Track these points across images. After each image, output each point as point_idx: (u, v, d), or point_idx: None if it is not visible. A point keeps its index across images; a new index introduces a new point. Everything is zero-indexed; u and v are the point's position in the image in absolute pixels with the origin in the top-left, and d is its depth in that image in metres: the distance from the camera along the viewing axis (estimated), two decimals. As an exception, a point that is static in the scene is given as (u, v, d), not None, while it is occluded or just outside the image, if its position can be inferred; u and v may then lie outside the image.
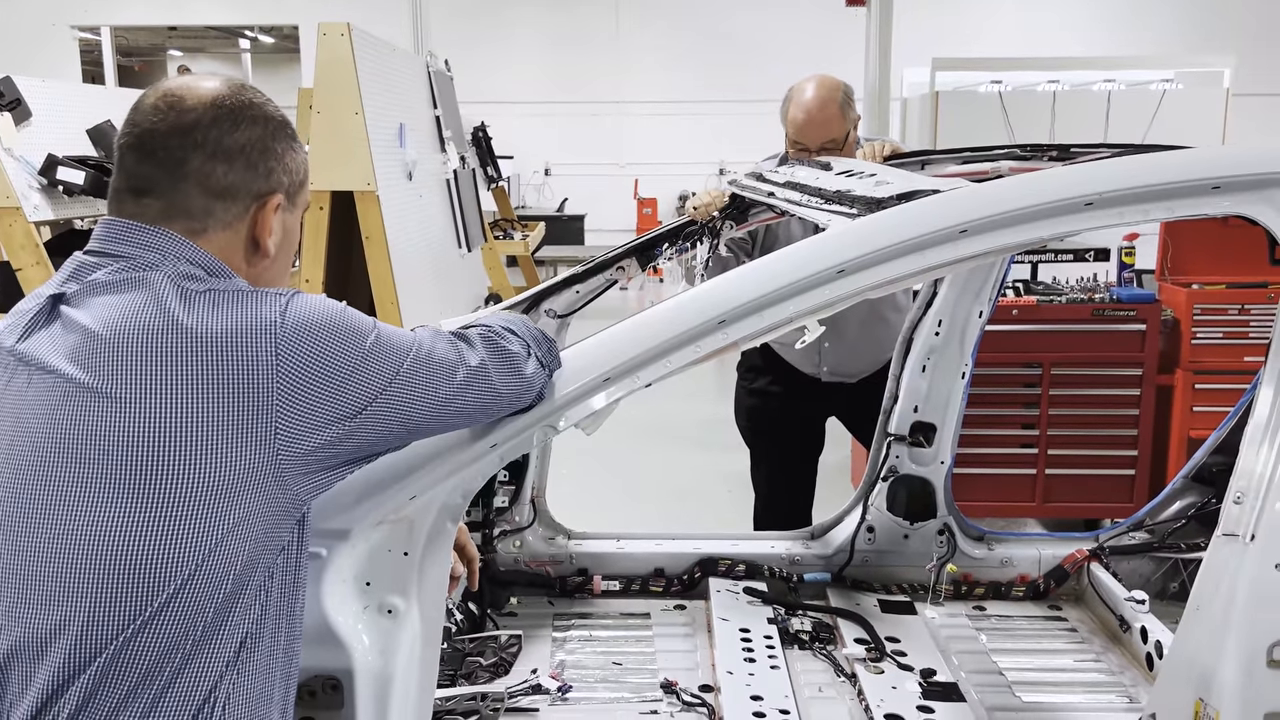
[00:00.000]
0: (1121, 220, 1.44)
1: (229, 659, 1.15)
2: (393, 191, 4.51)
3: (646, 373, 1.47)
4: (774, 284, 1.46)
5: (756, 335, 1.49)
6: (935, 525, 2.95)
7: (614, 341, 1.50)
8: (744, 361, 3.50)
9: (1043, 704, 2.43)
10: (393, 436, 1.28)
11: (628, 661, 2.63)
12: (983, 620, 2.83)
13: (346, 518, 1.41)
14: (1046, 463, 4.41)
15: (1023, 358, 4.37)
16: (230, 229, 1.28)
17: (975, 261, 1.57)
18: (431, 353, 1.30)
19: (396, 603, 1.42)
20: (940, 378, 2.92)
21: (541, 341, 1.49)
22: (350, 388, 1.20)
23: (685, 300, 1.50)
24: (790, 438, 3.42)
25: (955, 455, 2.98)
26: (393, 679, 1.38)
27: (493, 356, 1.39)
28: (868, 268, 1.44)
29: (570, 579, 2.97)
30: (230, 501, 1.13)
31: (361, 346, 1.22)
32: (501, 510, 2.97)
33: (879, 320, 3.19)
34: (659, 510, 5.13)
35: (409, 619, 1.42)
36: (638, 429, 6.66)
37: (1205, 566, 1.44)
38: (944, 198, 1.48)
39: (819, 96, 3.05)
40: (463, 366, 1.33)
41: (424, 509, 1.44)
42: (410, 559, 1.43)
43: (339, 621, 1.37)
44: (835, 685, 2.50)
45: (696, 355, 1.48)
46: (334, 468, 1.23)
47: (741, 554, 2.97)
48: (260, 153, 1.28)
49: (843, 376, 3.32)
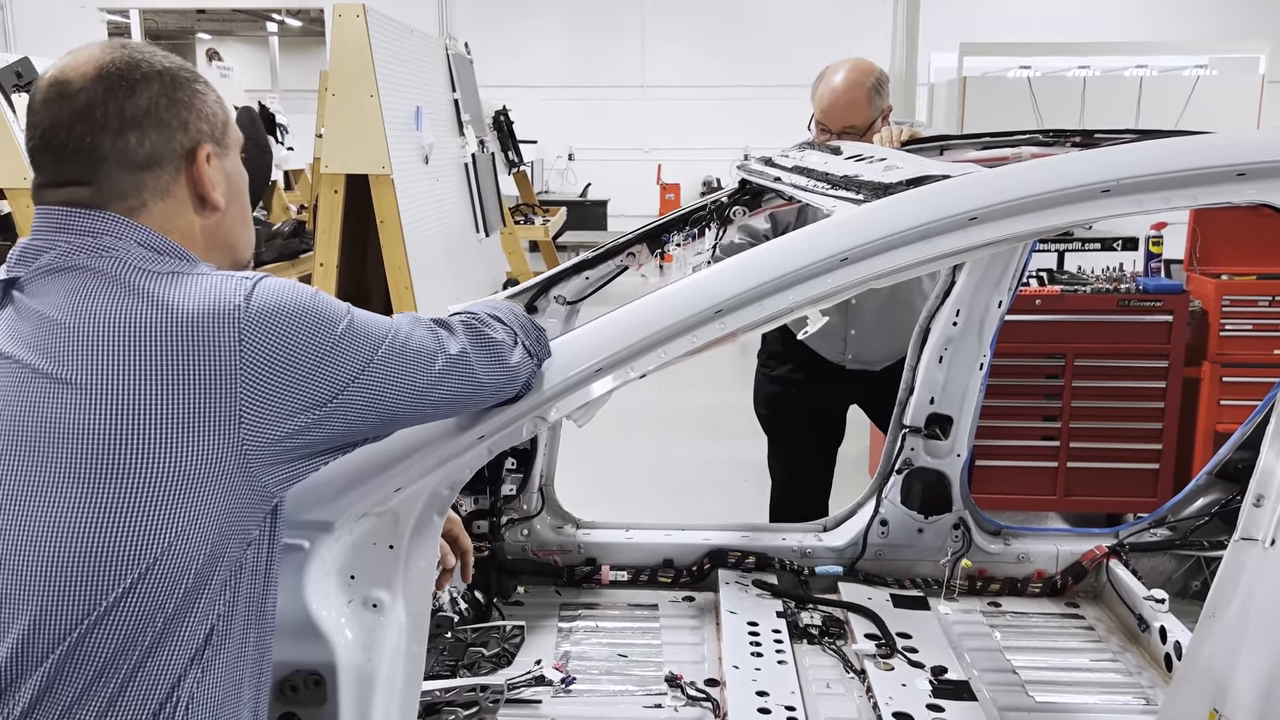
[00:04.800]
0: (1141, 208, 1.38)
1: (192, 655, 1.12)
2: (408, 175, 4.48)
3: (641, 363, 1.42)
4: (773, 272, 1.41)
5: (755, 325, 1.43)
6: (950, 519, 2.89)
7: (607, 331, 1.45)
8: (765, 348, 3.45)
9: (1057, 704, 2.37)
10: (367, 426, 1.24)
11: (633, 654, 2.59)
12: (997, 617, 2.77)
13: (329, 509, 1.37)
14: (1068, 456, 4.33)
15: (1046, 348, 4.29)
16: (169, 196, 1.23)
17: (986, 250, 1.51)
18: (409, 340, 1.26)
19: (381, 596, 1.38)
20: (957, 369, 2.85)
21: (530, 330, 1.44)
22: (319, 375, 1.15)
23: (681, 289, 1.45)
24: (810, 426, 3.37)
25: (972, 448, 2.91)
26: (377, 674, 1.34)
27: (475, 345, 1.34)
28: (872, 256, 1.38)
29: (578, 569, 2.93)
30: (192, 492, 1.09)
31: (332, 332, 1.17)
32: (509, 498, 2.93)
33: (904, 307, 3.13)
34: (672, 500, 5.09)
35: (394, 613, 1.38)
36: (652, 417, 6.63)
37: (1222, 571, 1.38)
38: (953, 183, 1.42)
39: (848, 79, 2.99)
40: (442, 355, 1.29)
41: (410, 501, 1.40)
42: (396, 552, 1.39)
43: (322, 615, 1.33)
44: (844, 681, 2.45)
45: (693, 346, 1.43)
46: (305, 458, 1.19)
47: (752, 546, 2.92)
48: (167, 108, 1.22)
49: (867, 364, 3.26)
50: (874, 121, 2.94)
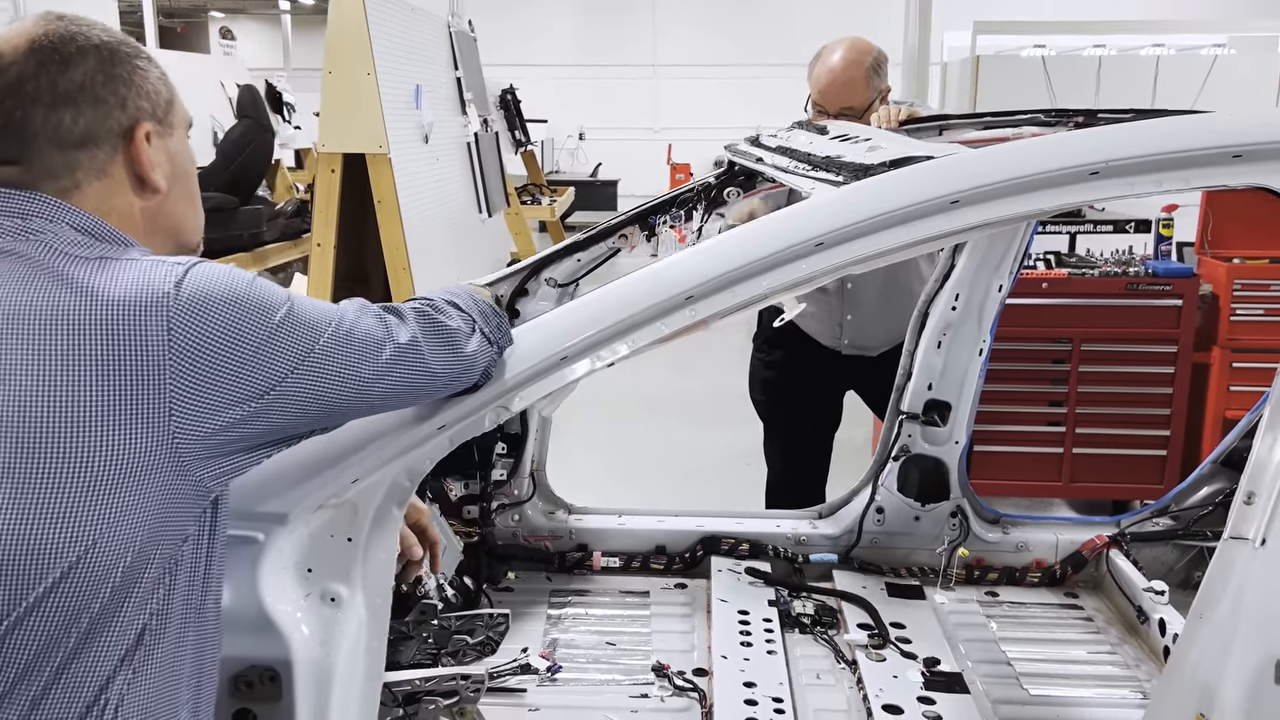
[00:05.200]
0: (1132, 191, 1.32)
1: (122, 656, 1.08)
2: (407, 154, 4.42)
3: (608, 352, 1.37)
4: (746, 258, 1.35)
5: (727, 312, 1.38)
6: (948, 507, 2.84)
7: (572, 318, 1.40)
8: (761, 332, 3.40)
9: (1051, 697, 2.33)
10: (311, 418, 1.19)
11: (622, 642, 2.56)
12: (994, 607, 2.73)
13: (283, 501, 1.33)
14: (1074, 442, 4.27)
15: (1052, 333, 4.23)
16: (106, 176, 1.18)
17: (969, 235, 1.45)
18: (353, 329, 1.20)
19: (340, 590, 1.34)
20: (956, 354, 2.80)
21: (490, 316, 1.39)
22: (255, 366, 1.11)
23: (650, 275, 1.39)
24: (806, 412, 3.32)
25: (971, 435, 2.86)
26: (334, 669, 1.30)
27: (426, 333, 1.29)
28: (849, 240, 1.32)
29: (569, 555, 2.90)
30: (118, 487, 1.05)
31: (268, 321, 1.12)
32: (500, 483, 2.90)
33: (902, 291, 3.07)
34: (675, 485, 5.05)
35: (353, 607, 1.34)
36: (655, 402, 6.58)
37: (1211, 571, 1.33)
38: (934, 165, 1.36)
39: (845, 59, 2.93)
40: (390, 343, 1.24)
41: (368, 493, 1.36)
42: (354, 545, 1.35)
43: (277, 610, 1.29)
44: (834, 672, 2.41)
45: (662, 334, 1.37)
46: (244, 451, 1.14)
47: (745, 533, 2.88)
48: (104, 84, 1.17)
49: (863, 349, 3.21)
50: (872, 102, 2.87)
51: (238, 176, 5.64)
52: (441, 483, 2.82)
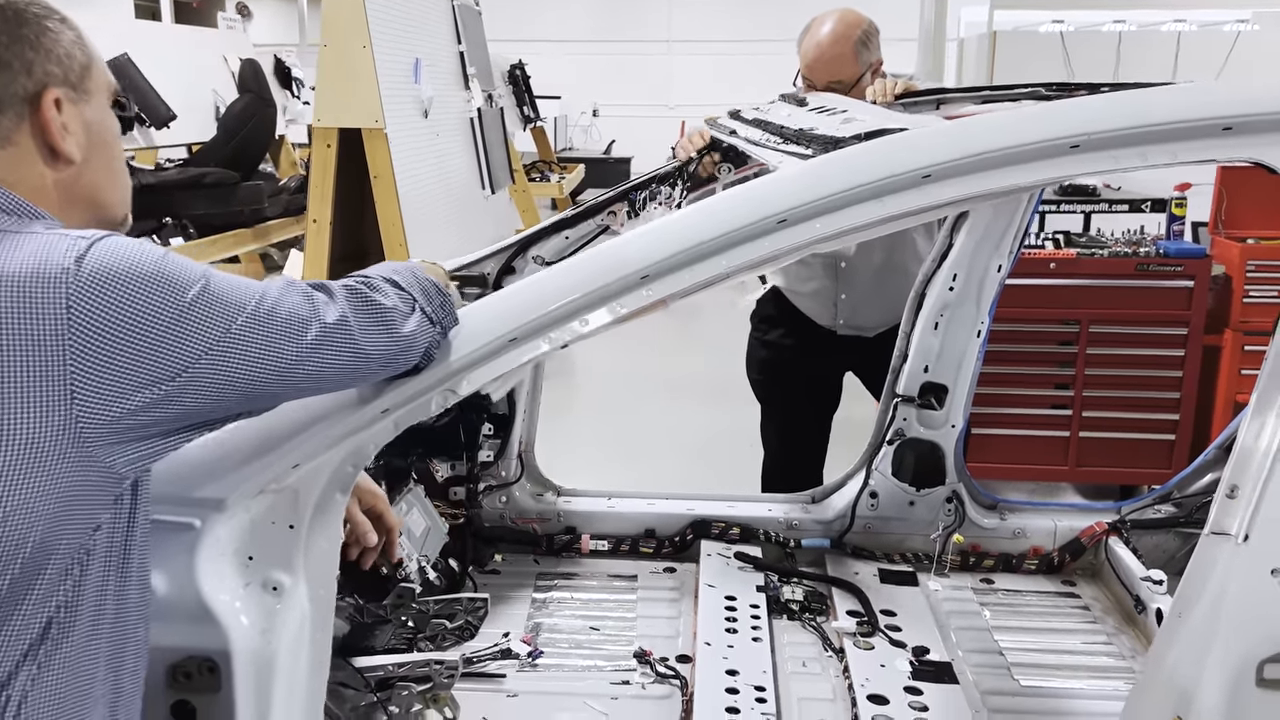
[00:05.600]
0: (1116, 165, 1.25)
1: (26, 651, 1.03)
2: (405, 129, 4.36)
3: (560, 333, 1.32)
4: (704, 235, 1.29)
5: (686, 292, 1.32)
6: (943, 492, 2.78)
7: (521, 297, 1.34)
8: (757, 312, 3.34)
9: (1042, 689, 2.27)
10: (231, 403, 1.14)
11: (606, 627, 2.51)
12: (988, 594, 2.67)
13: (220, 486, 1.28)
14: (1081, 425, 4.19)
15: (1060, 314, 4.14)
16: (10, 145, 1.13)
17: (942, 211, 1.38)
18: (276, 307, 1.14)
19: (281, 579, 1.30)
20: (954, 336, 2.72)
21: (433, 295, 1.33)
22: (165, 347, 1.05)
23: (604, 253, 1.33)
24: (803, 393, 3.26)
25: (968, 419, 2.79)
26: (276, 660, 1.26)
27: (358, 312, 1.23)
28: (815, 217, 1.25)
29: (558, 537, 2.86)
30: (16, 474, 1.00)
31: (179, 299, 1.06)
32: (487, 465, 2.85)
33: (898, 270, 3.00)
34: (673, 468, 4.99)
35: (295, 596, 1.29)
36: (659, 384, 6.52)
37: (1191, 568, 1.26)
38: (906, 137, 1.29)
39: (833, 32, 2.85)
40: (316, 323, 1.17)
41: (310, 478, 1.31)
42: (296, 532, 1.30)
43: (216, 599, 1.25)
44: (821, 660, 2.36)
45: (617, 315, 1.31)
46: (160, 436, 1.09)
47: (737, 517, 2.83)
48: (8, 47, 1.12)
49: (859, 330, 3.15)
50: (861, 76, 2.79)
51: (239, 151, 5.60)
52: (427, 463, 2.78)
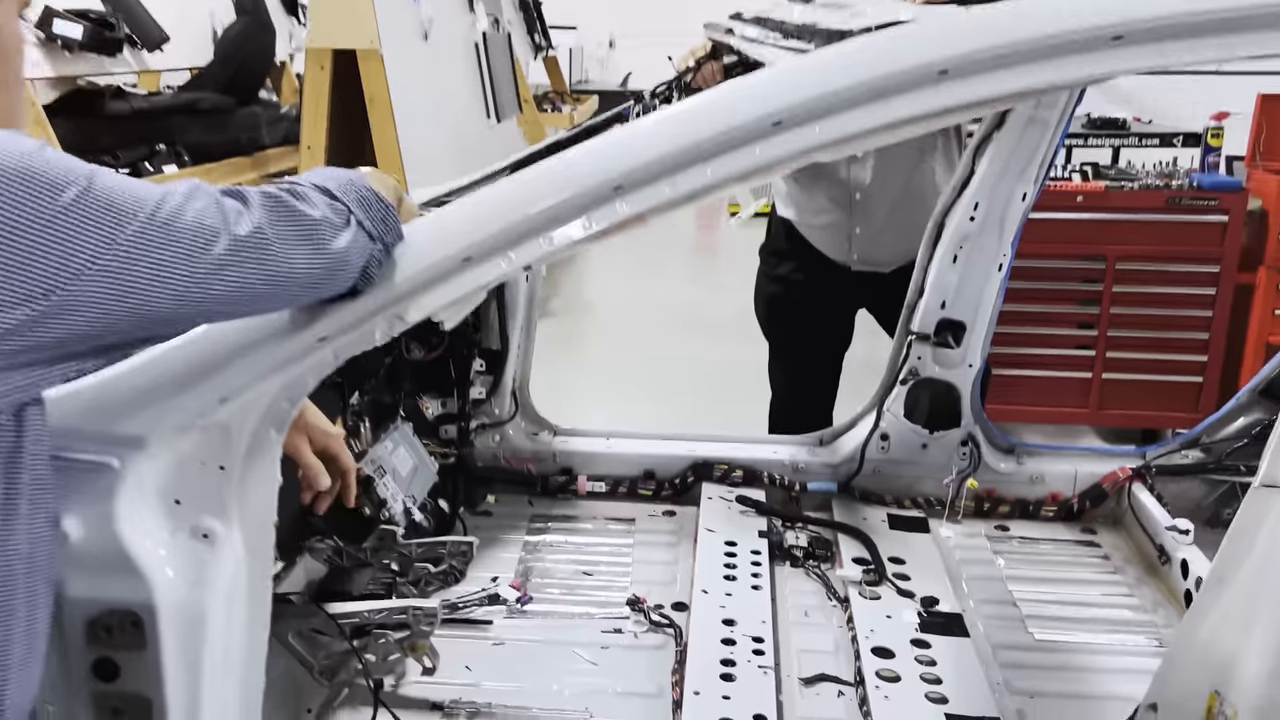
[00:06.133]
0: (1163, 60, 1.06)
1: None
2: (402, 51, 4.16)
3: (522, 252, 1.16)
4: (685, 141, 1.12)
5: (666, 207, 1.16)
6: (958, 435, 2.63)
7: (477, 212, 1.18)
8: (767, 245, 3.18)
9: (1057, 643, 2.15)
10: (124, 327, 0.98)
11: (600, 572, 2.40)
12: (1003, 542, 2.54)
13: (138, 421, 1.14)
14: (1104, 366, 4.03)
15: (1086, 250, 3.95)
16: None
17: (962, 115, 1.22)
18: (177, 216, 0.98)
19: (213, 525, 1.17)
20: (973, 270, 2.56)
21: (373, 206, 1.16)
22: (34, 259, 0.90)
23: (571, 160, 1.17)
24: (813, 331, 3.11)
25: (986, 359, 2.63)
26: (207, 614, 1.14)
27: (278, 223, 1.06)
28: (814, 120, 1.08)
29: (553, 478, 2.74)
30: None
31: (52, 203, 0.91)
32: (479, 402, 2.73)
33: (916, 202, 2.83)
34: (677, 408, 4.84)
35: (229, 544, 1.17)
36: (662, 318, 6.35)
37: (1236, 525, 1.12)
38: (921, 28, 1.11)
39: None
40: (226, 236, 1.01)
41: (240, 414, 1.17)
42: (228, 474, 1.17)
43: (138, 547, 1.12)
44: (824, 610, 2.24)
45: (586, 232, 1.16)
46: (40, 364, 0.95)
47: (740, 458, 2.70)
48: None
49: (875, 265, 2.98)
50: None
51: (235, 77, 5.41)
52: (416, 400, 2.66)
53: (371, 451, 2.37)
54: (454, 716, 1.91)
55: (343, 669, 1.97)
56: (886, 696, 1.89)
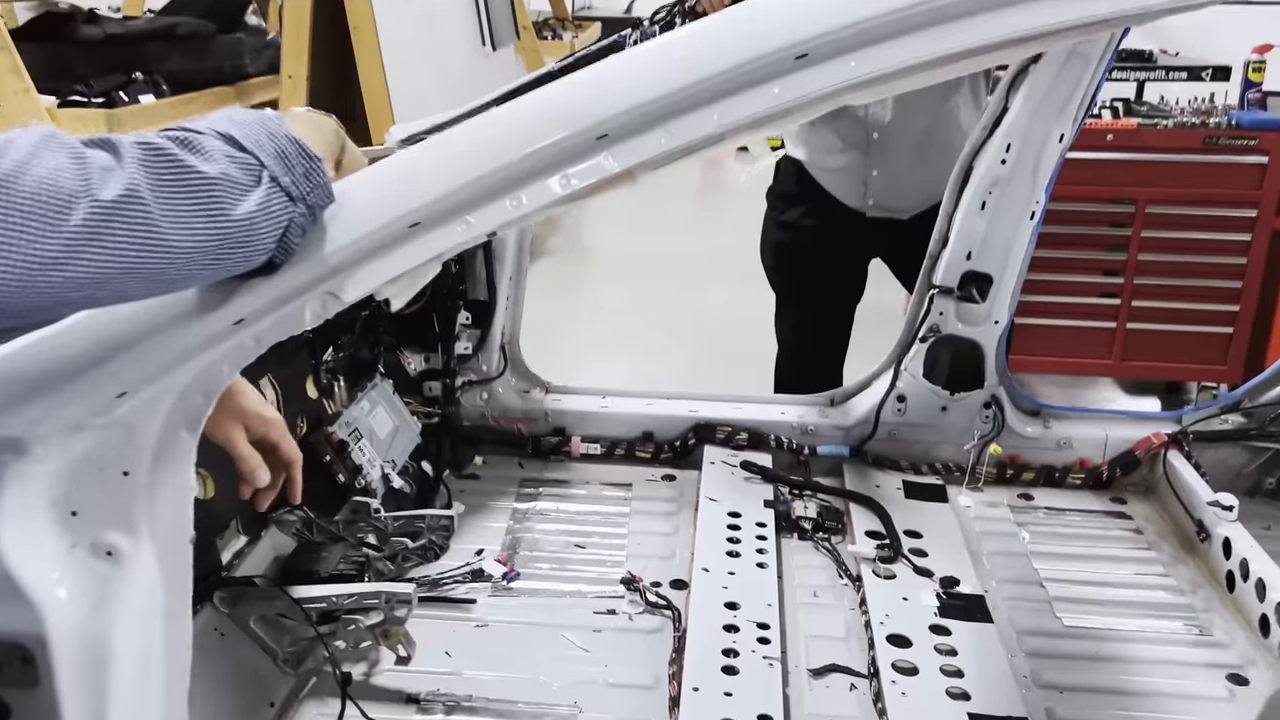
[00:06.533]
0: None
1: None
2: (389, -26, 3.91)
3: (483, 217, 0.95)
4: (686, 78, 0.91)
5: (663, 160, 0.95)
6: (981, 397, 2.44)
7: (428, 164, 0.97)
8: (775, 188, 2.96)
9: (1088, 630, 1.98)
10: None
11: (593, 544, 2.23)
12: (1027, 513, 2.36)
13: (16, 421, 0.94)
14: (1129, 315, 3.83)
15: (1113, 192, 3.73)
16: None
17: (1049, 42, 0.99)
18: (18, 175, 0.78)
19: (117, 540, 0.98)
20: (1003, 217, 2.34)
21: (293, 158, 0.93)
22: None
23: (546, 101, 0.96)
24: (824, 282, 2.91)
25: (1014, 314, 2.43)
26: (112, 644, 0.96)
27: (159, 183, 0.85)
28: (850, 51, 0.86)
29: (545, 439, 2.56)
30: None
31: None
32: (465, 358, 2.54)
33: (939, 143, 2.61)
34: (679, 364, 4.64)
35: (138, 561, 0.98)
36: (665, 266, 6.11)
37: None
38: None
39: None
40: (87, 201, 0.80)
41: (144, 411, 0.98)
42: (133, 481, 0.98)
43: (22, 567, 0.93)
44: (835, 589, 2.07)
45: (564, 191, 0.94)
46: None
47: (745, 420, 2.51)
48: None
49: (892, 211, 2.76)
50: None
51: (217, 1, 5.12)
52: (398, 355, 2.47)
53: (346, 413, 2.20)
54: (430, 710, 1.75)
55: (310, 656, 1.81)
56: (904, 693, 1.72)
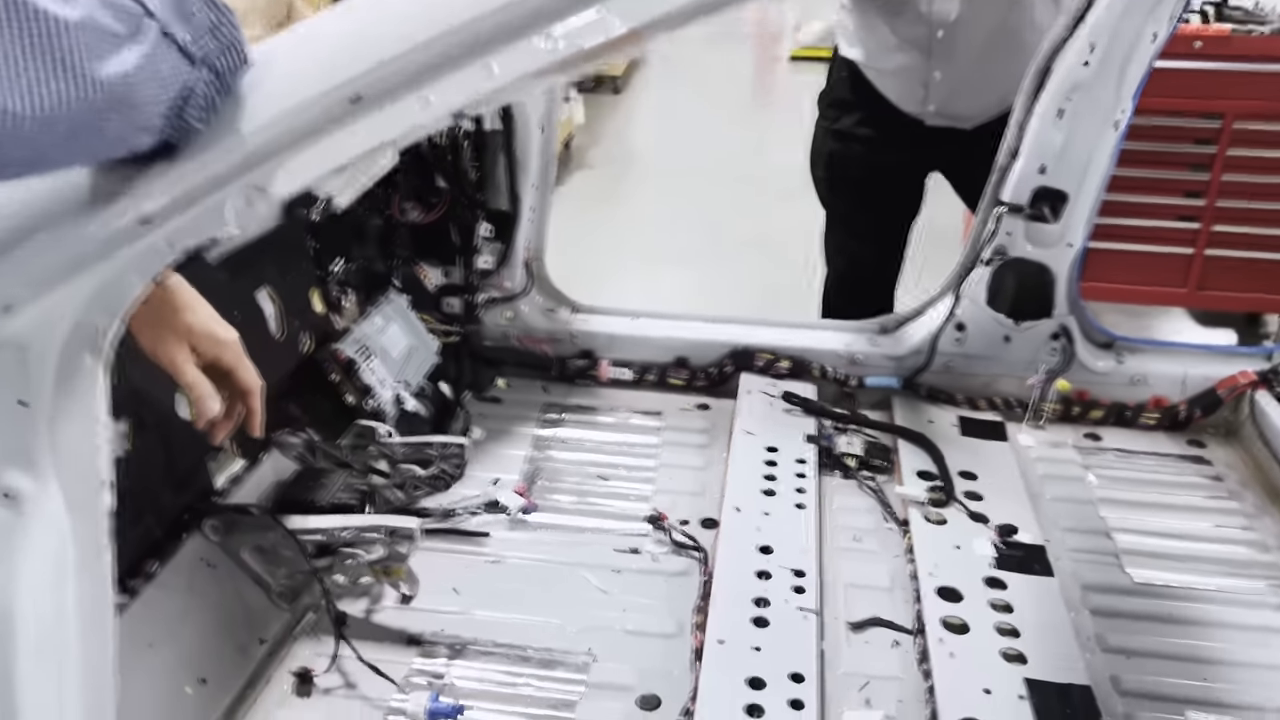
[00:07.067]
0: None
1: None
2: None
3: (447, 90, 0.74)
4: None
5: (679, 19, 0.74)
6: (1049, 327, 2.23)
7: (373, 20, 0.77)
8: (827, 94, 2.71)
9: (1159, 588, 1.79)
10: None
11: (619, 477, 2.08)
12: (1095, 455, 2.16)
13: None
14: (1209, 241, 3.54)
15: (1198, 105, 3.42)
16: None
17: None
18: None
19: (17, 482, 0.82)
20: (1082, 128, 2.10)
21: (196, 7, 0.75)
22: None
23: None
24: (877, 196, 2.67)
25: (1089, 236, 2.20)
26: (14, 605, 0.81)
27: None
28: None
29: (571, 362, 2.39)
30: None
31: None
32: (487, 273, 2.37)
33: (1011, 42, 2.34)
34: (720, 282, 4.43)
35: (43, 506, 0.82)
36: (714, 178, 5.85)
37: None
38: None
39: None
40: None
41: (38, 331, 0.80)
42: (32, 412, 0.82)
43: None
44: (879, 533, 1.90)
45: (552, 56, 0.74)
46: None
47: (787, 347, 2.32)
48: None
49: (955, 119, 2.51)
50: None
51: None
52: (414, 268, 2.31)
53: (356, 329, 2.04)
54: (433, 654, 1.62)
55: (306, 591, 1.68)
56: (952, 653, 1.56)
